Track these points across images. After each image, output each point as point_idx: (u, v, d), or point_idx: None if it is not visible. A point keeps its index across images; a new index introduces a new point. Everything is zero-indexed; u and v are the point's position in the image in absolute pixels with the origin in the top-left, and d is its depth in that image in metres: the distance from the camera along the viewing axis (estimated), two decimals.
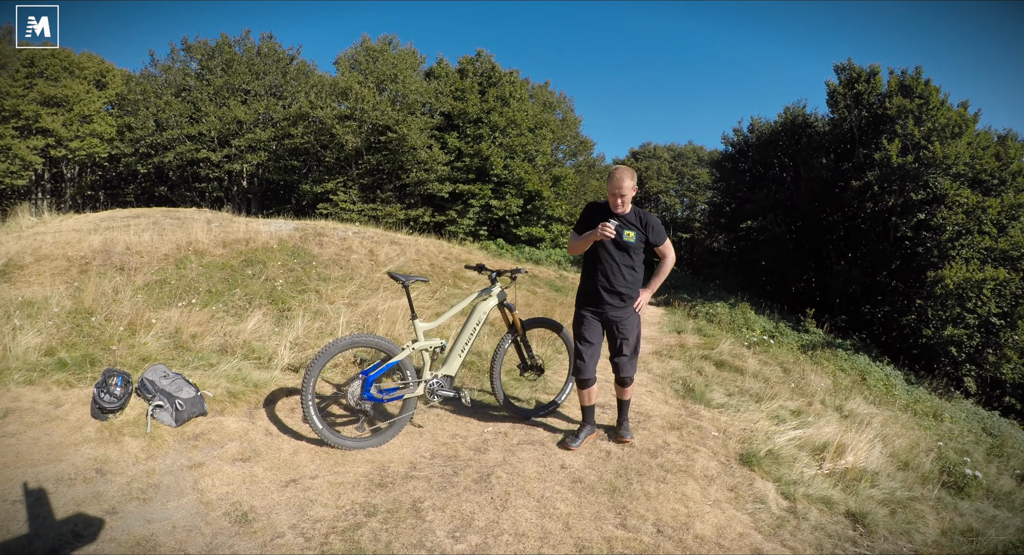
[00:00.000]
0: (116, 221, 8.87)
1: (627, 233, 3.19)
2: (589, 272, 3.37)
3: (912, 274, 15.37)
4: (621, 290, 3.29)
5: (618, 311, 3.32)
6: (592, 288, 3.35)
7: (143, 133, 22.57)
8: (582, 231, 3.33)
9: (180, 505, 2.48)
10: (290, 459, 3.01)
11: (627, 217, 3.24)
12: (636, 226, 3.25)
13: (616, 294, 3.29)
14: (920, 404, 8.56)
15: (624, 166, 3.26)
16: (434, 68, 23.00)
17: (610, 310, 3.31)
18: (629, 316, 3.34)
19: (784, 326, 12.69)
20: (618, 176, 3.16)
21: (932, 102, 15.56)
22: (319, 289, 6.40)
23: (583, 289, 3.42)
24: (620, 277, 3.28)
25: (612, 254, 3.26)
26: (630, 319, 3.34)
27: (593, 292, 3.34)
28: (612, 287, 3.28)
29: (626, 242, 3.21)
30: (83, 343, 3.99)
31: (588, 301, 3.37)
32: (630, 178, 3.15)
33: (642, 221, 3.27)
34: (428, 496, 2.72)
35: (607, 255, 3.26)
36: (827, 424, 4.32)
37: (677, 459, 3.36)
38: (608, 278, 3.28)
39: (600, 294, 3.31)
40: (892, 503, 3.22)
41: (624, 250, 3.25)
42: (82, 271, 5.61)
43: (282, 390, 3.86)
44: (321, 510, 2.54)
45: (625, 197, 3.17)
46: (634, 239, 3.22)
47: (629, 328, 3.35)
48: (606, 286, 3.29)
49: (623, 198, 3.17)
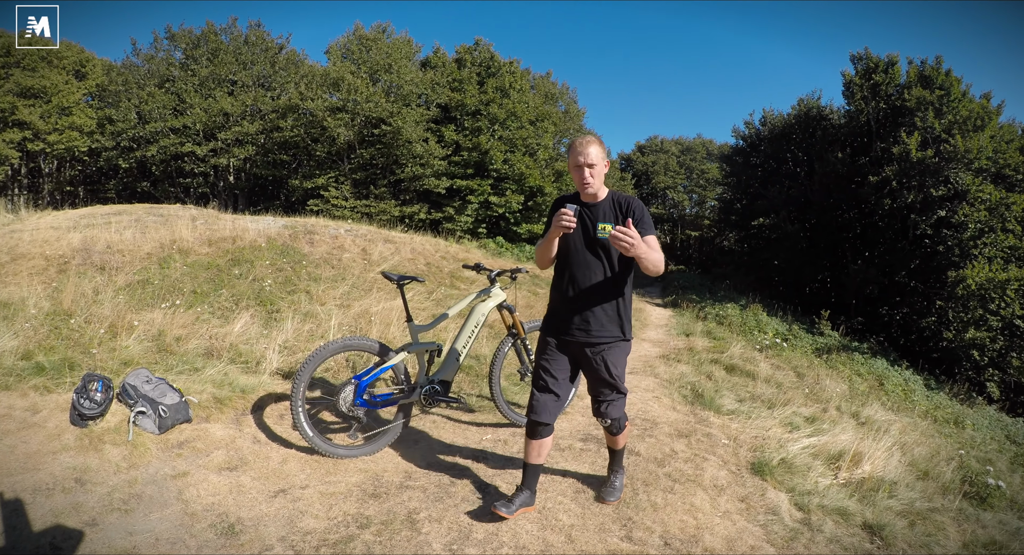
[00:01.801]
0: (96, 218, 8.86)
1: (602, 227, 2.36)
2: (554, 284, 2.65)
3: (932, 274, 15.38)
4: (594, 309, 2.50)
5: (592, 340, 2.53)
6: (554, 307, 2.63)
7: (125, 126, 22.55)
8: None
9: (164, 516, 2.48)
10: (279, 468, 3.01)
11: (600, 205, 2.51)
12: (612, 215, 2.48)
13: (587, 315, 2.51)
14: (940, 411, 8.56)
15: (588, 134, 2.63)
16: (430, 58, 23.02)
17: (581, 336, 2.53)
18: (610, 347, 2.55)
19: (798, 328, 12.70)
20: (580, 143, 2.46)
21: (953, 93, 15.58)
22: (309, 290, 6.40)
23: (549, 304, 2.70)
24: (592, 290, 2.49)
25: (581, 257, 2.50)
26: (612, 351, 2.55)
27: (555, 312, 2.62)
28: (581, 304, 2.50)
29: (600, 238, 2.42)
30: (62, 346, 3.99)
31: (550, 324, 2.66)
32: (597, 145, 2.46)
33: (622, 208, 2.49)
34: (424, 507, 2.72)
35: (575, 259, 2.51)
36: (843, 431, 4.33)
37: (685, 468, 3.36)
38: (575, 291, 2.51)
39: (563, 315, 2.56)
40: (911, 514, 3.22)
41: (597, 251, 2.48)
42: (61, 271, 5.61)
43: (271, 396, 3.86)
44: (311, 522, 2.54)
45: (594, 169, 2.43)
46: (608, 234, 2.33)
47: (610, 363, 2.56)
48: (572, 303, 2.52)
49: (591, 170, 2.42)
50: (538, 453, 2.66)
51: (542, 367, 2.62)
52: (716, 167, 34.67)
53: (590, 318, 2.51)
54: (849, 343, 12.45)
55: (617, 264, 2.50)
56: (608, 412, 2.67)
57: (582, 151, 2.44)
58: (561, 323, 2.58)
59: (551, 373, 2.60)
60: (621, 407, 2.69)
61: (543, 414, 2.57)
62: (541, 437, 2.63)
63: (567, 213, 2.31)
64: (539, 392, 2.61)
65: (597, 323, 2.51)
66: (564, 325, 2.56)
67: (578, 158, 2.44)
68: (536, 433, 2.62)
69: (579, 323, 2.52)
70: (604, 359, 2.55)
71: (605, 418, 2.70)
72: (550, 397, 2.58)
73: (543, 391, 2.59)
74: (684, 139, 43.13)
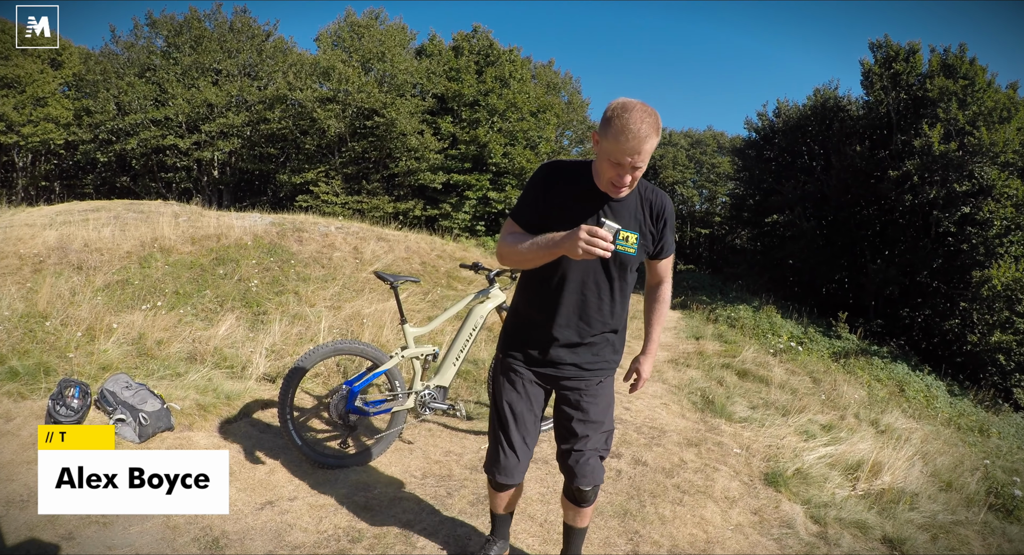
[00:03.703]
0: (73, 215, 8.88)
1: (624, 236, 1.81)
2: (531, 298, 2.01)
3: (956, 274, 15.39)
4: (596, 338, 1.98)
5: (586, 374, 2.00)
6: (534, 329, 2.00)
7: (103, 117, 22.57)
8: (533, 220, 1.87)
9: (144, 530, 2.48)
10: (266, 479, 3.01)
11: (626, 205, 1.87)
12: (638, 220, 1.90)
13: (586, 346, 1.98)
14: (965, 418, 8.57)
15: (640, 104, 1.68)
16: (426, 45, 23.04)
17: (571, 372, 1.99)
18: (599, 385, 2.03)
19: (814, 331, 12.71)
20: (635, 126, 1.63)
21: (978, 83, 15.59)
22: (298, 290, 6.40)
23: (517, 322, 2.07)
24: (597, 314, 1.94)
25: (590, 274, 1.90)
26: (602, 389, 2.04)
27: (534, 338, 2.00)
28: (580, 331, 1.95)
29: (622, 255, 1.85)
30: (37, 350, 3.98)
31: (524, 350, 2.02)
32: (655, 133, 1.66)
33: (653, 211, 1.91)
34: (419, 519, 2.72)
35: (579, 276, 1.90)
36: (861, 440, 4.33)
37: (695, 479, 3.36)
38: (575, 314, 1.93)
39: (548, 341, 1.97)
40: (933, 528, 3.22)
41: (610, 267, 1.89)
42: (36, 270, 5.61)
43: (257, 402, 3.86)
44: (300, 535, 2.54)
45: (641, 169, 1.72)
46: (635, 248, 1.85)
47: (599, 405, 2.03)
48: (566, 329, 1.95)
49: (636, 171, 1.72)
50: (508, 503, 2.25)
51: (510, 409, 2.02)
52: (728, 161, 34.70)
53: (590, 349, 1.98)
54: (868, 347, 12.46)
55: (626, 280, 1.96)
56: (593, 469, 2.03)
57: (636, 146, 1.64)
58: (544, 351, 1.98)
59: (523, 419, 2.03)
60: (602, 466, 2.08)
61: (515, 475, 2.05)
62: (506, 490, 2.16)
63: (606, 235, 1.60)
64: (508, 446, 2.03)
65: (595, 354, 1.99)
66: (549, 354, 1.98)
67: (625, 152, 1.65)
68: (501, 485, 2.12)
69: (571, 355, 1.97)
70: (597, 393, 2.03)
71: (585, 479, 2.02)
72: (523, 451, 2.04)
73: (513, 447, 2.03)
74: (694, 131, 43.18)
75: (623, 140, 1.65)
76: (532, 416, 2.05)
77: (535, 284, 1.98)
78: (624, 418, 4.33)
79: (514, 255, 1.84)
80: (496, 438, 2.07)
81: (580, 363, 1.99)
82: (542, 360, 2.00)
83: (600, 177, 1.81)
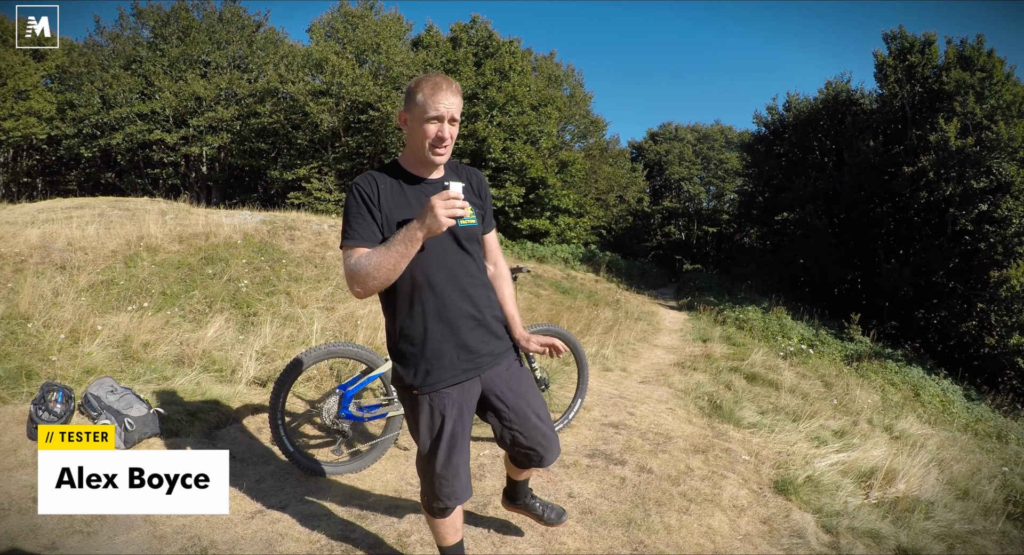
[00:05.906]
0: (56, 212, 8.87)
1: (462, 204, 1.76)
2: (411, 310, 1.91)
3: (973, 274, 15.39)
4: (488, 319, 2.01)
5: (499, 358, 2.04)
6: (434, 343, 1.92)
7: (87, 111, 22.58)
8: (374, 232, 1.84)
9: (130, 539, 2.47)
10: (256, 487, 3.01)
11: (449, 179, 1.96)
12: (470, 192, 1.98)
13: (485, 332, 2.00)
14: (982, 423, 8.57)
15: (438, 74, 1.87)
16: (422, 36, 23.07)
17: (488, 362, 2.00)
18: (514, 362, 2.10)
19: (825, 334, 12.72)
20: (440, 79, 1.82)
21: (996, 76, 15.60)
22: (290, 291, 6.40)
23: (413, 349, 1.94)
24: (478, 295, 1.98)
25: (454, 256, 1.92)
26: (520, 367, 2.12)
27: (438, 351, 1.92)
28: (473, 319, 1.96)
29: (467, 227, 1.93)
30: (18, 353, 3.98)
31: (434, 371, 1.92)
32: (456, 92, 1.83)
33: (472, 185, 2.04)
34: (415, 529, 2.72)
35: (446, 259, 1.90)
36: (875, 447, 4.33)
37: (702, 487, 3.36)
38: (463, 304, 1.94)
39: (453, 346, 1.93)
40: (950, 537, 3.22)
41: (466, 244, 1.94)
42: (17, 270, 5.61)
43: (247, 407, 3.86)
44: (292, 545, 2.54)
45: (456, 123, 1.86)
46: (475, 218, 1.96)
47: (527, 380, 2.11)
48: (461, 323, 1.94)
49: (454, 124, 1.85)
50: (456, 529, 2.16)
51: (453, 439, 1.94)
52: (736, 157, 34.70)
53: (490, 334, 2.00)
54: (882, 350, 12.47)
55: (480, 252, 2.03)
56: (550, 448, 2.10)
57: (450, 95, 1.79)
58: (456, 359, 1.93)
59: (463, 443, 1.98)
60: None
61: (464, 493, 2.01)
62: (452, 513, 2.08)
63: (457, 196, 1.66)
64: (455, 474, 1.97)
65: (494, 336, 2.02)
66: (461, 359, 1.94)
67: (438, 106, 1.77)
68: (447, 511, 2.05)
69: (482, 338, 1.97)
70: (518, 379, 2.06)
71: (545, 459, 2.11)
72: (465, 473, 2.01)
73: (457, 475, 1.97)
74: (701, 126, 43.13)
75: (438, 91, 1.78)
76: (468, 434, 2.02)
77: (407, 301, 1.91)
78: (629, 424, 4.33)
79: (378, 270, 1.74)
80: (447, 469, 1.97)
81: (493, 352, 2.01)
82: (458, 370, 1.94)
83: (418, 150, 1.88)
